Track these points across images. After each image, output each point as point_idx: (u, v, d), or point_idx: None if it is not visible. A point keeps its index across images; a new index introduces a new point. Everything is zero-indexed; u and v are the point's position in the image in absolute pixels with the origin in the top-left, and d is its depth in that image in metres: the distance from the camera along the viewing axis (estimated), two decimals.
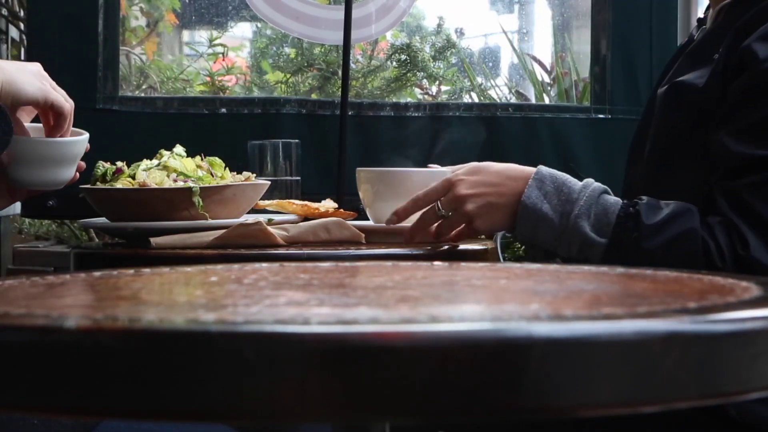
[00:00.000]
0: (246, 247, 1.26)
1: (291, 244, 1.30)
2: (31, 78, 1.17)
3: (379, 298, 0.57)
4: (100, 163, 1.40)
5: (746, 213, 1.10)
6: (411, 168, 1.52)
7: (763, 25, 1.13)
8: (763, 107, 1.11)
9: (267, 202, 1.48)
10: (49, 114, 1.21)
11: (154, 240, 1.26)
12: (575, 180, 1.21)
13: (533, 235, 1.22)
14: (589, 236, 1.15)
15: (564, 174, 1.22)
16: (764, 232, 1.09)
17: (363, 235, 1.32)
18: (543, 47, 3.17)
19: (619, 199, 1.18)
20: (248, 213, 1.42)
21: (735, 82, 1.14)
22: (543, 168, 1.22)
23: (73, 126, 1.27)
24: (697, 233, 1.10)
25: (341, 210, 1.46)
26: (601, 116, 2.02)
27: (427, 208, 1.27)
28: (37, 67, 1.20)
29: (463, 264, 0.83)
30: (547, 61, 2.93)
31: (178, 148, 1.42)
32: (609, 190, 1.20)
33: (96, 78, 2.15)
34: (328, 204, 1.47)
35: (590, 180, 1.21)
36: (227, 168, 1.43)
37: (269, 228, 1.27)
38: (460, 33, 3.05)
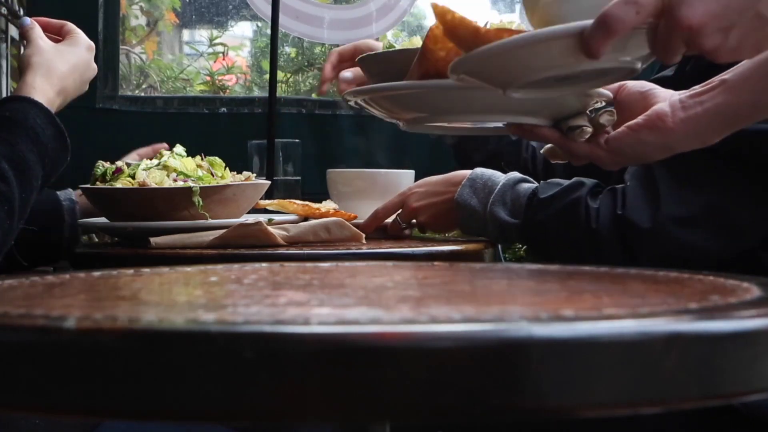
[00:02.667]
0: (246, 247, 1.25)
1: (291, 244, 1.30)
2: (77, 91, 1.27)
3: (380, 299, 0.56)
4: (100, 162, 1.39)
5: (642, 176, 1.13)
6: (379, 169, 1.61)
7: None
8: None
9: (267, 201, 1.49)
10: None
11: (153, 240, 1.26)
12: (503, 174, 1.30)
13: (470, 230, 1.33)
14: (503, 219, 1.24)
15: (497, 172, 1.31)
16: (649, 191, 1.12)
17: (363, 235, 1.33)
18: None
19: (532, 185, 1.26)
20: (249, 213, 1.42)
21: (687, 66, 1.16)
22: (479, 169, 1.32)
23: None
24: (581, 200, 1.17)
25: (342, 211, 1.46)
26: None
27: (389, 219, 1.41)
28: (90, 72, 1.32)
29: (463, 264, 0.83)
30: None
31: (178, 148, 1.42)
32: (528, 178, 1.28)
33: (96, 77, 2.15)
34: (329, 205, 1.48)
35: (514, 172, 1.30)
36: (227, 168, 1.43)
37: (269, 228, 1.27)
38: None
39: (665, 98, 1.00)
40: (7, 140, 1.10)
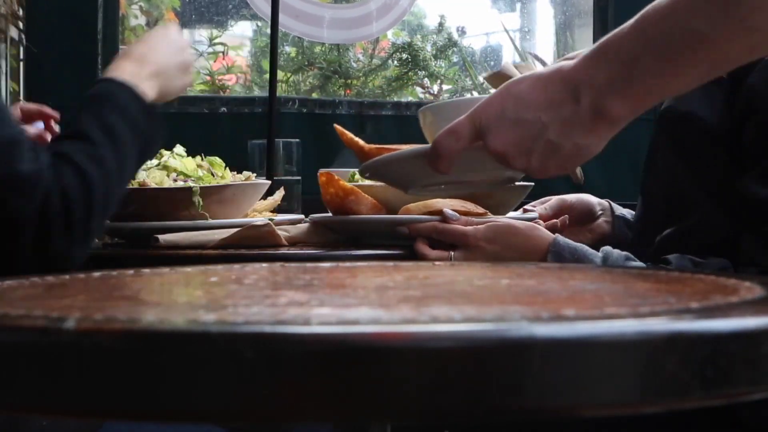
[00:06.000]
0: (246, 247, 1.25)
1: (292, 244, 1.30)
2: (177, 79, 1.26)
3: (381, 299, 0.56)
4: None
5: None
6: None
7: (765, 59, 1.09)
8: None
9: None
10: None
11: (162, 237, 1.26)
12: (593, 251, 1.20)
13: None
14: None
15: (580, 244, 1.22)
16: None
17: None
18: (545, 46, 3.17)
19: (643, 264, 1.16)
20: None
21: (747, 124, 1.11)
22: (559, 239, 1.22)
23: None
24: None
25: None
26: None
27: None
28: (182, 50, 1.27)
29: (464, 264, 0.83)
30: (549, 60, 2.93)
31: (178, 148, 1.42)
32: (631, 256, 1.19)
33: (96, 77, 2.15)
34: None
35: (608, 248, 1.20)
36: (227, 167, 1.43)
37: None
38: (462, 31, 3.05)
39: None
40: (93, 112, 1.11)
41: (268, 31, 2.12)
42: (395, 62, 2.94)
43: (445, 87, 3.04)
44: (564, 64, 0.84)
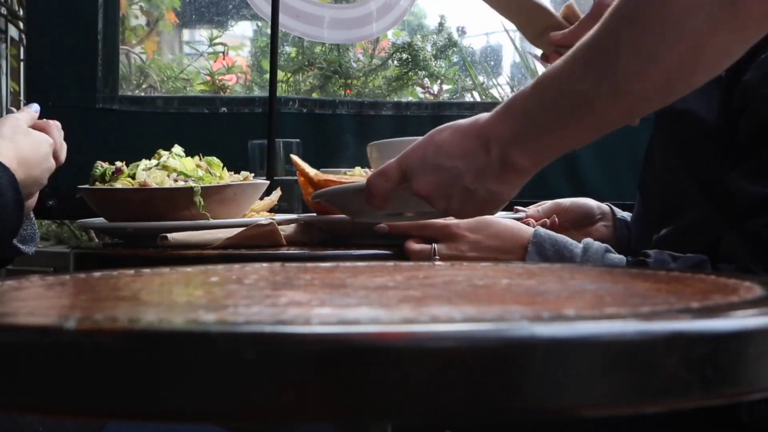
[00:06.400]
0: (246, 247, 1.26)
1: (290, 243, 1.30)
2: (39, 181, 1.21)
3: (381, 298, 0.56)
4: (99, 163, 1.39)
5: (765, 254, 1.06)
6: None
7: (761, 57, 1.09)
8: None
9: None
10: None
11: (171, 236, 1.26)
12: (574, 242, 1.21)
13: None
14: None
15: (561, 236, 1.23)
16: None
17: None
18: None
19: (622, 257, 1.17)
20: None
21: (741, 121, 1.11)
22: (540, 230, 1.23)
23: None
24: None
25: None
26: None
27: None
28: (45, 156, 1.22)
29: (464, 264, 0.83)
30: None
31: (177, 148, 1.42)
32: (610, 248, 1.20)
33: (96, 77, 2.15)
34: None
35: (589, 240, 1.22)
36: (225, 168, 1.43)
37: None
38: (462, 31, 3.05)
39: None
40: None
41: (268, 31, 2.12)
42: (395, 62, 2.94)
43: (445, 87, 3.04)
44: (480, 117, 0.92)
